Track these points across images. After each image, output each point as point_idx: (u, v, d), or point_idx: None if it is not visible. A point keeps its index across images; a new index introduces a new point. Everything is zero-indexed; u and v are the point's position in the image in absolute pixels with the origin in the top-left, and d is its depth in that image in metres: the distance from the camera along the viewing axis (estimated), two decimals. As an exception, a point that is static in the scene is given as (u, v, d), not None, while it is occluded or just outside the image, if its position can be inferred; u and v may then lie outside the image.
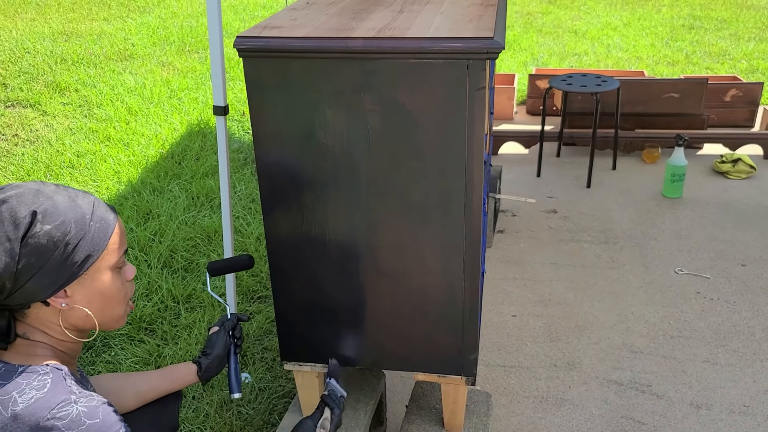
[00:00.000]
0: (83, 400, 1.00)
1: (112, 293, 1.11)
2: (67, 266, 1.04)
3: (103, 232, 1.08)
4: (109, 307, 1.12)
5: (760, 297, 2.69)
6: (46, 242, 1.01)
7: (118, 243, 1.11)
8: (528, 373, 2.31)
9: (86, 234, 1.05)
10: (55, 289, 1.04)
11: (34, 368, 1.03)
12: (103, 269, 1.09)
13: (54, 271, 1.03)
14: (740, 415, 2.10)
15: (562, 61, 5.89)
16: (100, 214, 1.09)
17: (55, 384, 1.00)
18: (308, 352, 1.69)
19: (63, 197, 1.05)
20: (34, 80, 4.90)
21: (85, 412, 0.99)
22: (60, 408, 0.97)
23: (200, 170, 3.75)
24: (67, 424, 0.96)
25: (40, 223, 1.01)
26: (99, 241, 1.07)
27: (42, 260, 1.01)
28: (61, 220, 1.03)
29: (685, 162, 3.45)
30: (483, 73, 1.30)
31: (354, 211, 1.48)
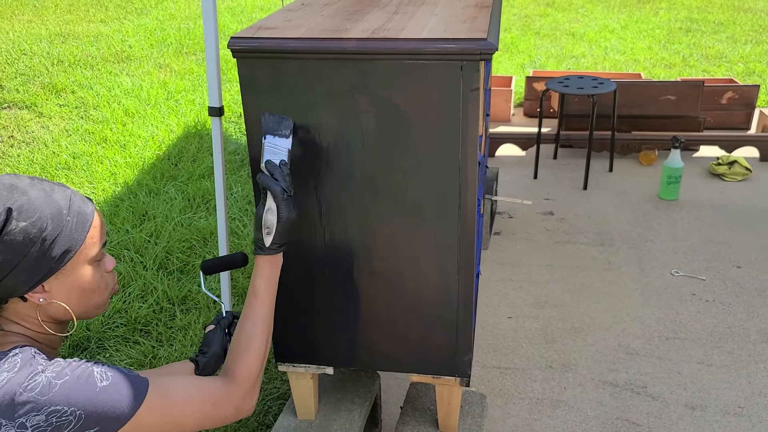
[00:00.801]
0: (51, 368, 1.00)
1: (91, 286, 1.11)
2: (45, 262, 1.03)
3: (81, 226, 1.07)
4: (88, 298, 1.12)
5: (755, 299, 2.70)
6: (22, 239, 1.00)
7: (97, 237, 1.10)
8: (523, 374, 2.31)
9: (63, 229, 1.04)
10: (32, 285, 1.04)
11: (4, 353, 1.03)
12: (81, 263, 1.08)
13: (31, 268, 1.02)
14: (735, 417, 2.10)
15: (560, 64, 5.90)
16: (77, 207, 1.08)
17: (24, 362, 1.00)
18: (303, 354, 1.69)
19: (38, 191, 1.04)
20: (30, 82, 4.90)
21: (53, 376, 0.99)
22: (29, 380, 0.97)
23: (197, 172, 3.75)
24: (39, 392, 0.96)
25: (15, 220, 1.00)
26: (77, 235, 1.06)
27: (18, 257, 1.00)
28: (37, 216, 1.02)
29: (682, 164, 3.46)
30: (477, 74, 1.30)
31: (348, 213, 1.48)
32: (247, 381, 1.19)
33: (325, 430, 1.77)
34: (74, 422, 0.98)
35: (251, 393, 1.20)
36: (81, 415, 0.98)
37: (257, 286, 1.28)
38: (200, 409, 1.11)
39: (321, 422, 1.79)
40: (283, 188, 1.25)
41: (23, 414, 0.95)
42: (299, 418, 1.81)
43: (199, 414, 1.11)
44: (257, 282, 1.28)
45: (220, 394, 1.15)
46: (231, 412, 1.16)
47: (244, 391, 1.18)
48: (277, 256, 1.30)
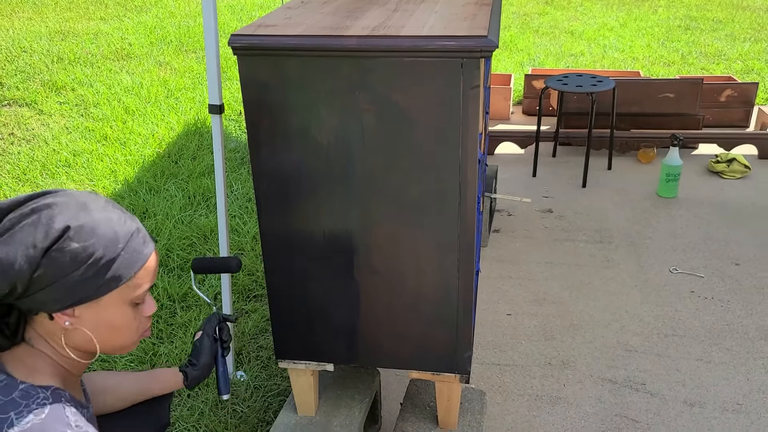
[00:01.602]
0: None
1: (121, 326, 1.08)
2: (82, 288, 1.01)
3: (132, 264, 1.04)
4: (116, 337, 1.09)
5: (754, 296, 2.70)
6: (69, 260, 0.98)
7: (145, 280, 1.07)
8: (523, 371, 2.32)
9: (112, 262, 1.02)
10: (63, 306, 1.01)
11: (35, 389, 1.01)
12: (119, 301, 1.05)
13: (67, 289, 1.00)
14: (733, 413, 2.11)
15: (559, 62, 5.90)
16: (136, 245, 1.04)
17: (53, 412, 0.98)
18: (303, 351, 1.69)
19: (104, 218, 1.02)
20: (30, 79, 4.90)
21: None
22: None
23: (197, 169, 3.76)
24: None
25: (70, 239, 0.98)
26: (124, 272, 1.03)
27: (58, 275, 0.98)
28: (92, 242, 0.99)
29: (680, 162, 3.46)
30: (477, 71, 1.30)
31: (349, 210, 1.49)
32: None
33: (325, 426, 1.78)
34: None
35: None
36: None
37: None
38: None
39: (321, 419, 1.80)
40: None
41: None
42: (299, 414, 1.82)
43: None
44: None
45: None
46: None
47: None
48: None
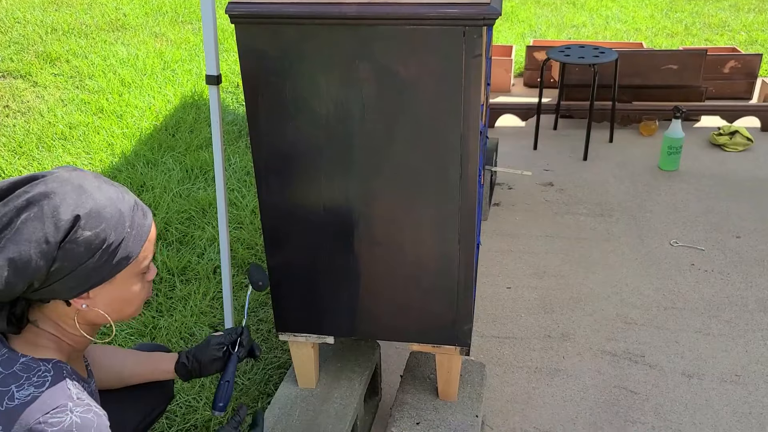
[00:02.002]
0: (79, 410, 0.97)
1: (132, 298, 1.10)
2: (97, 272, 1.01)
3: (139, 240, 1.05)
4: (127, 307, 1.11)
5: (754, 268, 2.70)
6: (84, 249, 0.98)
7: (150, 251, 1.09)
8: (522, 344, 2.32)
9: (123, 242, 1.02)
10: (80, 292, 1.02)
11: (36, 361, 1.00)
12: (129, 276, 1.07)
13: (83, 276, 1.00)
14: (732, 384, 2.12)
15: (560, 33, 5.83)
16: (139, 220, 1.06)
17: (54, 383, 0.98)
18: (303, 324, 1.69)
19: (106, 199, 1.01)
20: (24, 50, 4.83)
21: (78, 423, 0.95)
22: (54, 413, 0.95)
23: (194, 143, 3.73)
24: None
25: (81, 229, 0.97)
26: (133, 249, 1.04)
27: (75, 265, 0.98)
28: (102, 228, 0.99)
29: (682, 134, 3.44)
30: (479, 40, 1.27)
31: (348, 182, 1.47)
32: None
33: (325, 398, 1.78)
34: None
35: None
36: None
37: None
38: None
39: (322, 391, 1.81)
40: None
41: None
42: (300, 386, 1.82)
43: None
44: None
45: None
46: None
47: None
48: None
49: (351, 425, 1.73)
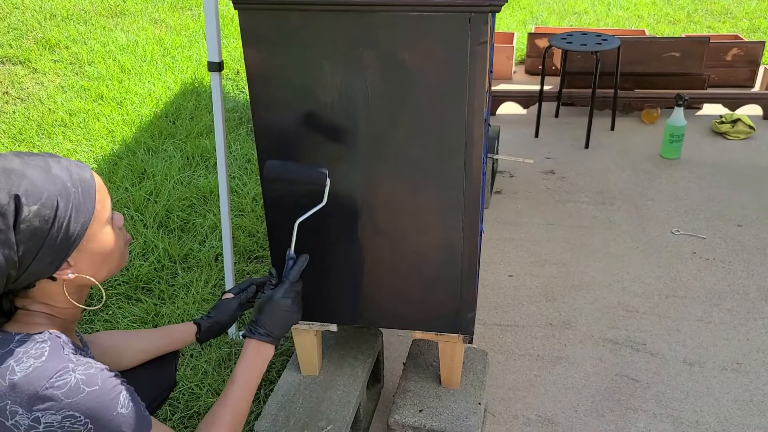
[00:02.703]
0: (81, 368, 0.99)
1: (111, 248, 1.11)
2: (65, 238, 1.01)
3: (88, 194, 1.05)
4: (110, 261, 1.12)
5: (755, 257, 2.70)
6: (39, 223, 0.98)
7: (104, 199, 1.09)
8: (524, 331, 2.33)
9: (73, 201, 1.02)
10: (58, 264, 1.03)
11: (31, 336, 1.01)
12: (98, 229, 1.07)
13: (53, 247, 1.00)
14: (733, 372, 2.13)
15: (562, 20, 5.79)
16: (78, 176, 1.05)
17: (53, 352, 0.99)
18: (306, 311, 1.69)
19: (35, 170, 1.00)
20: (23, 36, 4.80)
21: (84, 380, 0.98)
22: (58, 377, 0.96)
23: (195, 130, 3.71)
24: (66, 393, 0.96)
25: (26, 206, 0.97)
26: (87, 204, 1.04)
27: (40, 241, 0.98)
28: (46, 196, 0.99)
29: (685, 122, 3.43)
30: (485, 26, 1.26)
31: (352, 169, 1.46)
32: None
33: (328, 385, 1.79)
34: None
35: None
36: (91, 429, 0.97)
37: (236, 371, 1.28)
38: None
39: (325, 378, 1.81)
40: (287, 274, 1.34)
41: (42, 409, 0.94)
42: (303, 374, 1.83)
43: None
44: (238, 366, 1.29)
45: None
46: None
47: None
48: (264, 346, 1.30)
49: (354, 412, 1.74)
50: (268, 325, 1.30)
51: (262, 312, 1.31)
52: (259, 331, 1.30)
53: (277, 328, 1.31)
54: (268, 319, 1.30)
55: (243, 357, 1.29)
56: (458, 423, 1.67)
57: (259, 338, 1.30)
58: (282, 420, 1.69)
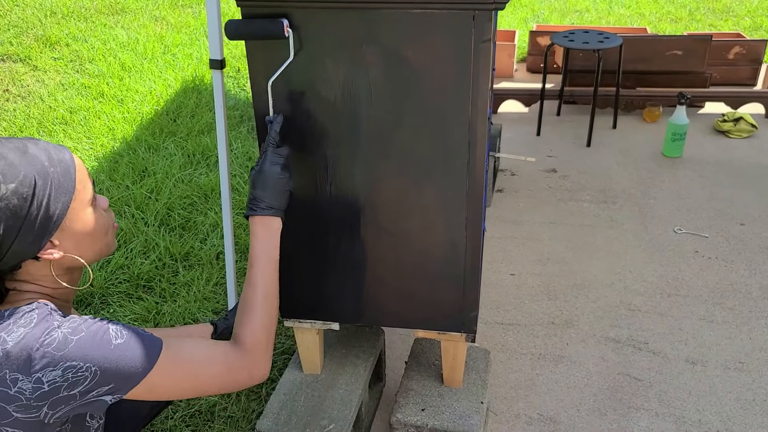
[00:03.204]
0: (66, 323, 1.01)
1: (95, 228, 1.11)
2: (46, 217, 1.02)
3: (67, 173, 1.05)
4: (96, 241, 1.12)
5: (758, 255, 2.70)
6: (17, 201, 0.98)
7: (85, 179, 1.09)
8: (526, 330, 2.32)
9: (52, 180, 1.02)
10: (41, 244, 1.03)
11: (20, 308, 1.02)
12: (80, 208, 1.07)
13: (34, 226, 1.01)
14: (735, 371, 2.13)
15: (563, 18, 5.78)
16: (56, 156, 1.05)
17: (41, 318, 1.00)
18: (308, 310, 1.68)
19: (12, 152, 1.01)
20: (23, 34, 4.79)
21: (69, 332, 0.99)
22: (46, 335, 0.97)
23: (196, 127, 3.71)
24: (56, 347, 0.97)
25: (3, 185, 0.97)
26: (66, 183, 1.05)
27: (20, 219, 0.99)
28: (23, 175, 0.99)
29: (687, 121, 3.42)
30: (489, 24, 1.26)
31: (355, 167, 1.46)
32: (254, 347, 1.18)
33: (330, 384, 1.78)
34: (90, 378, 0.98)
35: (262, 359, 1.19)
36: (96, 372, 0.98)
37: (252, 251, 1.25)
38: (214, 373, 1.11)
39: (327, 377, 1.81)
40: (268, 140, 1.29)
41: (40, 369, 0.95)
42: (305, 372, 1.82)
43: (214, 378, 1.11)
44: (252, 247, 1.26)
45: (233, 360, 1.14)
46: (245, 377, 1.16)
47: (254, 357, 1.17)
48: (268, 219, 1.26)
49: (356, 411, 1.74)
50: (264, 198, 1.26)
51: (255, 186, 1.27)
52: (259, 205, 1.26)
53: (274, 198, 1.27)
54: (263, 191, 1.27)
55: (253, 237, 1.26)
56: (460, 422, 1.67)
57: (261, 213, 1.26)
58: (284, 419, 1.68)
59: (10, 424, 0.96)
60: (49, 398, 0.96)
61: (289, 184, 1.31)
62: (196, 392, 1.10)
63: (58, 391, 0.96)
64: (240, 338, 1.18)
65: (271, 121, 1.34)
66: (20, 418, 0.96)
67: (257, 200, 1.27)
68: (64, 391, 0.96)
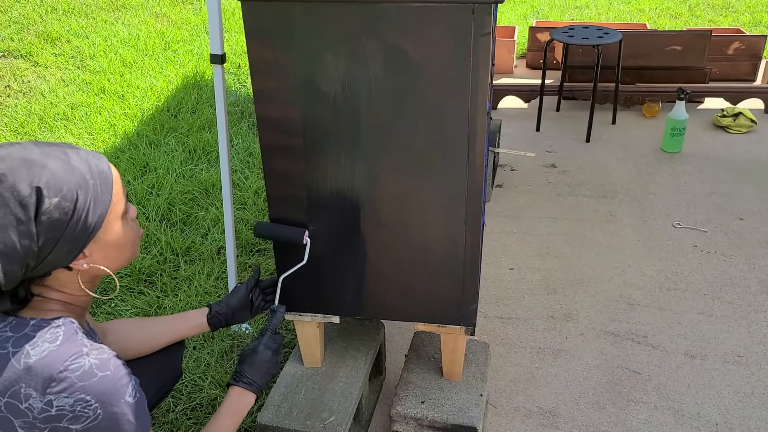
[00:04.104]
0: (95, 353, 1.01)
1: (125, 242, 1.12)
2: (83, 230, 1.03)
3: (106, 185, 1.06)
4: (125, 252, 1.14)
5: (757, 250, 2.71)
6: (59, 215, 0.99)
7: (120, 192, 1.11)
8: (525, 324, 2.33)
9: (92, 194, 1.03)
10: (75, 255, 1.04)
11: (46, 321, 1.03)
12: (113, 221, 1.09)
13: (71, 239, 1.02)
14: (734, 365, 2.14)
15: (563, 14, 5.78)
16: (96, 168, 1.06)
17: (67, 337, 1.01)
18: (309, 303, 1.70)
19: (56, 161, 1.01)
20: (25, 30, 4.80)
21: (97, 365, 1.00)
22: (72, 360, 0.98)
23: (197, 123, 3.71)
24: (79, 376, 0.97)
25: (48, 198, 0.98)
26: (105, 196, 1.06)
27: (59, 232, 1.00)
28: (66, 189, 1.00)
29: (686, 116, 3.43)
30: (488, 18, 1.27)
31: (355, 162, 1.47)
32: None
33: (331, 377, 1.80)
34: (92, 419, 0.98)
35: None
36: (99, 415, 0.99)
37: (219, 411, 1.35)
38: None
39: (327, 370, 1.82)
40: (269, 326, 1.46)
41: (56, 392, 0.95)
42: (306, 365, 1.83)
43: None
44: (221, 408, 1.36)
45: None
46: None
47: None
48: (246, 393, 1.38)
49: (356, 403, 1.75)
50: (250, 374, 1.39)
51: (244, 362, 1.41)
52: (242, 379, 1.39)
53: (258, 377, 1.40)
54: (249, 369, 1.40)
55: (226, 401, 1.37)
56: (460, 414, 1.68)
57: (242, 386, 1.39)
58: (285, 411, 1.70)
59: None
60: (51, 423, 0.96)
61: (274, 368, 1.44)
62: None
63: (61, 419, 0.96)
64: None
65: (275, 310, 1.50)
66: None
67: (242, 374, 1.39)
68: (65, 422, 0.97)
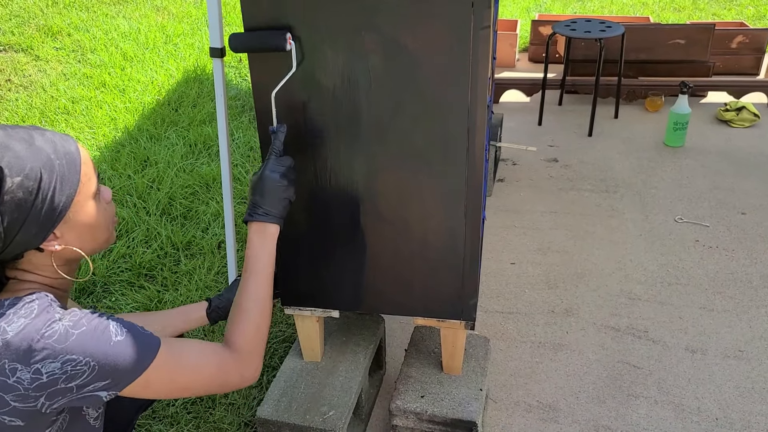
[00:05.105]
0: (68, 316, 1.01)
1: (98, 221, 1.11)
2: (50, 210, 1.02)
3: (72, 165, 1.05)
4: (98, 234, 1.12)
5: (759, 245, 2.70)
6: (23, 194, 0.98)
7: (90, 172, 1.09)
8: (526, 319, 2.33)
9: (57, 173, 1.02)
10: (44, 235, 1.04)
11: (19, 298, 1.03)
12: (83, 201, 1.07)
13: (39, 219, 1.01)
14: (735, 360, 2.13)
15: (566, 7, 5.75)
16: (62, 148, 1.05)
17: (42, 308, 1.01)
18: (308, 297, 1.69)
19: (18, 143, 1.00)
20: (25, 24, 4.79)
21: (71, 326, 1.00)
22: (47, 327, 0.98)
23: (197, 117, 3.71)
24: (57, 340, 0.97)
25: (10, 178, 0.97)
26: (72, 176, 1.04)
27: (24, 212, 0.99)
28: (29, 168, 0.99)
29: (689, 110, 3.41)
30: (488, 10, 1.25)
31: (354, 156, 1.46)
32: (245, 351, 1.19)
33: (331, 371, 1.80)
34: (87, 372, 0.99)
35: (253, 361, 1.20)
36: (94, 366, 0.99)
37: (246, 258, 1.26)
38: (207, 374, 1.12)
39: (327, 364, 1.82)
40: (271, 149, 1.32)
41: (39, 360, 0.96)
42: (305, 360, 1.83)
43: (206, 378, 1.12)
44: (247, 253, 1.27)
45: (226, 362, 1.16)
46: (236, 378, 1.17)
47: (245, 359, 1.19)
48: (264, 225, 1.27)
49: (356, 398, 1.75)
50: (263, 204, 1.27)
51: (254, 192, 1.28)
52: (257, 211, 1.27)
53: (273, 204, 1.27)
54: (261, 197, 1.27)
55: (249, 243, 1.26)
56: (460, 409, 1.68)
57: (258, 218, 1.27)
58: (284, 405, 1.70)
59: (8, 413, 0.97)
60: (46, 389, 0.97)
61: (287, 192, 1.31)
62: (188, 392, 1.11)
63: (56, 383, 0.97)
64: (232, 341, 1.20)
65: (274, 131, 1.35)
66: (18, 408, 0.97)
67: (255, 206, 1.27)
68: (61, 384, 0.97)
